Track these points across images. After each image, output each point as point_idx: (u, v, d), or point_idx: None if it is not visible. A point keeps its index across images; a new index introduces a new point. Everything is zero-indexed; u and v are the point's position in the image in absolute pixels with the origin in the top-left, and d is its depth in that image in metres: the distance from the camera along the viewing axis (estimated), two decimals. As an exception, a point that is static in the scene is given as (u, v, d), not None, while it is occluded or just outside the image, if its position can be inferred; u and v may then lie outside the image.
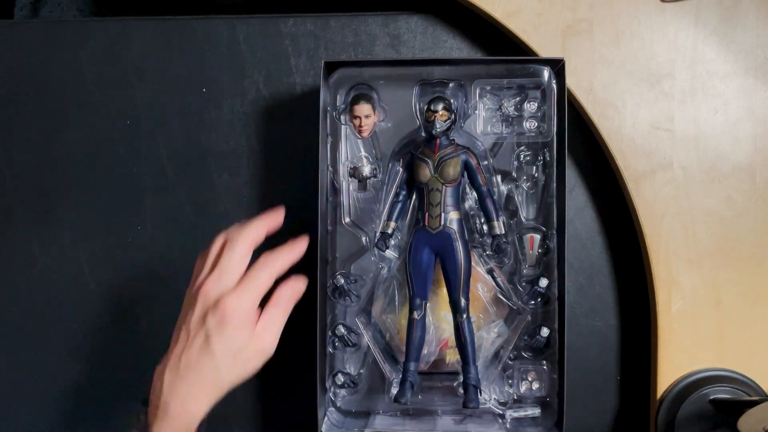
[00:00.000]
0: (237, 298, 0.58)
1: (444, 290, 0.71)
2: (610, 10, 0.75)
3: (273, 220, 0.63)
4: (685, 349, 0.74)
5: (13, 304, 0.83)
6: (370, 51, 0.82)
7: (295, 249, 0.63)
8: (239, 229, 0.61)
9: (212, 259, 0.61)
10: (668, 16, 0.75)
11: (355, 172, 0.73)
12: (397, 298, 0.74)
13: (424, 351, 0.72)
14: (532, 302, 0.73)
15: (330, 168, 0.73)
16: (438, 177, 0.69)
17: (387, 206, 0.72)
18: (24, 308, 0.83)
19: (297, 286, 0.62)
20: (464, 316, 0.69)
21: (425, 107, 0.69)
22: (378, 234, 0.72)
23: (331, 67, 0.72)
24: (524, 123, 0.72)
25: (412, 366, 0.70)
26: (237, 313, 0.58)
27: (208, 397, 0.59)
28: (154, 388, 0.59)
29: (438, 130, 0.69)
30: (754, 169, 0.75)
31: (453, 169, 0.69)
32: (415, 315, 0.70)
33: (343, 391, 0.74)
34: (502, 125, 0.73)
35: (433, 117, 0.68)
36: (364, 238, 0.74)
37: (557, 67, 0.71)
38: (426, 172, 0.69)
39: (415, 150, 0.71)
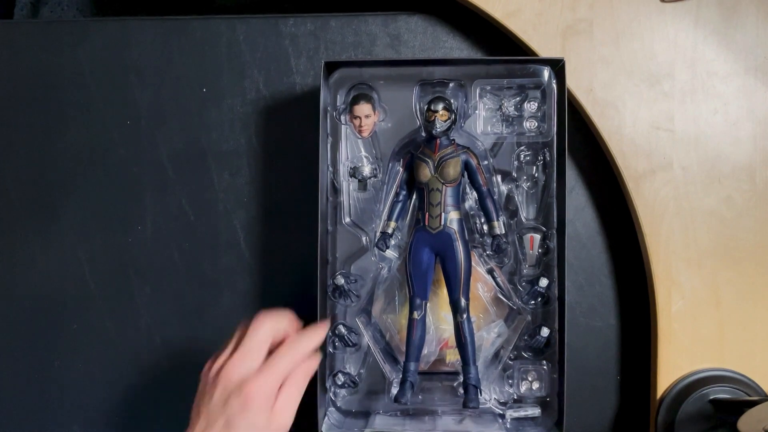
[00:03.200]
0: (260, 381, 0.59)
1: (444, 290, 0.71)
2: (610, 10, 0.75)
3: (298, 321, 0.65)
4: (685, 349, 0.74)
5: (13, 304, 0.83)
6: (370, 51, 0.82)
7: (318, 333, 0.65)
8: (263, 315, 0.62)
9: (234, 342, 0.62)
10: (668, 16, 0.75)
11: (355, 172, 0.73)
12: (397, 298, 0.74)
13: (424, 351, 0.72)
14: (532, 302, 0.73)
15: (330, 168, 0.73)
16: (438, 177, 0.69)
17: (387, 206, 0.72)
18: (24, 308, 0.83)
19: (311, 365, 0.63)
20: (464, 316, 0.69)
21: (425, 107, 0.69)
22: (378, 234, 0.72)
23: (331, 67, 0.72)
24: (524, 123, 0.72)
25: (412, 366, 0.70)
26: (260, 396, 0.58)
27: None
28: None
29: (438, 130, 0.69)
30: (754, 169, 0.75)
31: (453, 169, 0.69)
32: (415, 315, 0.70)
33: (343, 391, 0.74)
34: (502, 125, 0.73)
35: (433, 117, 0.68)
36: (364, 238, 0.74)
37: (557, 67, 0.71)
38: (426, 172, 0.69)
39: (415, 150, 0.71)
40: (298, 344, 0.62)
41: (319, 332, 0.65)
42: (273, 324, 0.62)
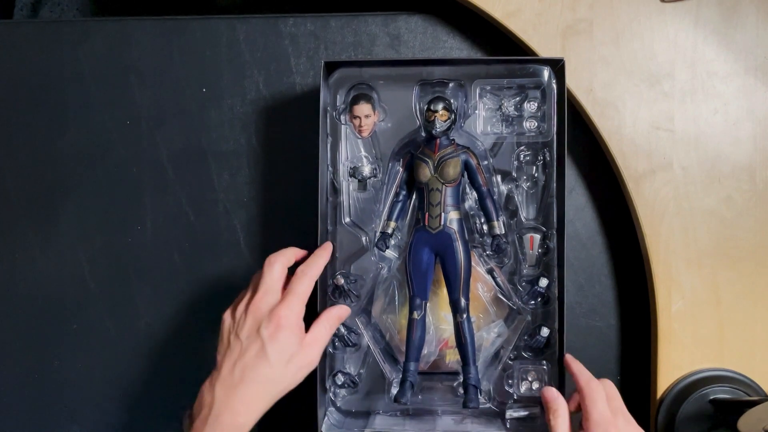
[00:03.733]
0: (287, 306, 0.64)
1: (444, 290, 0.71)
2: (610, 10, 0.75)
3: (302, 251, 0.70)
4: (685, 349, 0.74)
5: (13, 304, 0.83)
6: (370, 51, 0.82)
7: (324, 254, 0.70)
8: (271, 256, 0.68)
9: (253, 283, 0.67)
10: (668, 16, 0.75)
11: (355, 172, 0.73)
12: (397, 298, 0.74)
13: (424, 351, 0.72)
14: (532, 302, 0.73)
15: (330, 168, 0.73)
16: (438, 177, 0.69)
17: (387, 206, 0.72)
18: (24, 308, 0.83)
19: (342, 311, 0.69)
20: (464, 316, 0.69)
21: (425, 107, 0.69)
22: (378, 234, 0.72)
23: (331, 67, 0.72)
24: (524, 123, 0.72)
25: (412, 366, 0.70)
26: (289, 320, 0.63)
27: (259, 407, 0.63)
28: (203, 403, 0.62)
29: (438, 130, 0.69)
30: (754, 169, 0.75)
31: (453, 169, 0.69)
32: (415, 315, 0.70)
33: (343, 391, 0.74)
34: (502, 125, 0.73)
35: (433, 117, 0.68)
36: (364, 238, 0.74)
37: (557, 67, 0.71)
38: (426, 172, 0.69)
39: (415, 150, 0.71)
40: (310, 269, 0.67)
41: (324, 252, 0.70)
42: (283, 260, 0.67)
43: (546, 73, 0.71)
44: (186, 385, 0.82)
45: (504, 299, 0.74)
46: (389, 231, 0.72)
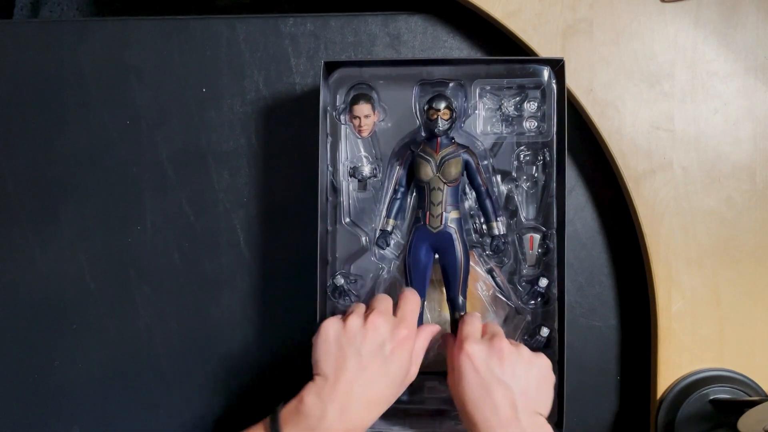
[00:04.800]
0: (408, 327, 0.64)
1: (442, 288, 0.71)
2: (610, 10, 0.75)
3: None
4: (685, 349, 0.74)
5: (13, 304, 0.83)
6: (370, 51, 0.82)
7: (416, 294, 0.69)
8: (383, 295, 0.68)
9: (363, 307, 0.67)
10: (668, 16, 0.75)
11: (355, 172, 0.73)
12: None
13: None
14: (532, 302, 0.73)
15: (330, 168, 0.73)
16: (440, 176, 0.69)
17: (385, 204, 0.72)
18: (24, 308, 0.83)
19: (436, 329, 0.69)
20: (462, 313, 0.70)
21: (426, 105, 0.69)
22: (378, 232, 0.72)
23: (331, 67, 0.72)
24: (524, 123, 0.72)
25: None
26: (410, 341, 0.64)
27: (372, 419, 0.63)
28: (310, 413, 0.60)
29: (440, 128, 0.69)
30: (754, 169, 0.75)
31: (455, 168, 0.69)
32: (415, 313, 0.70)
33: (343, 391, 0.74)
34: (502, 125, 0.73)
35: (435, 116, 0.68)
36: (363, 238, 0.74)
37: (557, 67, 0.71)
38: (428, 171, 0.69)
39: (415, 148, 0.71)
40: (414, 301, 0.67)
41: (415, 293, 0.69)
42: (390, 300, 0.67)
43: (546, 73, 0.71)
44: (186, 385, 0.82)
45: (503, 299, 0.74)
46: (389, 229, 0.72)
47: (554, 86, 0.71)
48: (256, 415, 0.82)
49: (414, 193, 0.72)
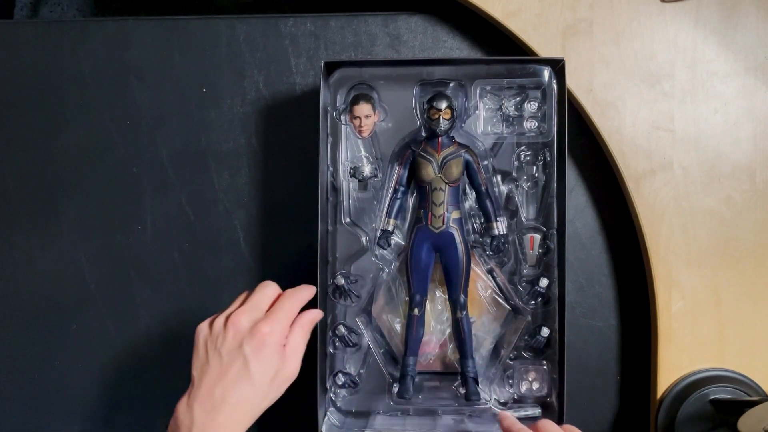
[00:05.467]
0: (271, 323, 0.61)
1: (443, 288, 0.72)
2: (610, 10, 0.75)
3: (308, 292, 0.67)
4: (685, 349, 0.74)
5: (13, 304, 0.83)
6: (370, 51, 0.82)
7: (309, 288, 0.67)
8: (266, 282, 0.65)
9: (239, 301, 0.64)
10: (668, 16, 0.75)
11: (355, 172, 0.73)
12: (397, 298, 0.74)
13: (425, 350, 0.73)
14: (532, 302, 0.73)
15: (330, 168, 0.73)
16: (442, 177, 0.69)
17: (386, 204, 0.72)
18: (24, 308, 0.83)
19: (314, 314, 0.66)
20: (463, 312, 0.70)
21: (427, 105, 0.69)
22: (378, 232, 0.72)
23: (331, 67, 0.72)
24: (524, 123, 0.72)
25: (411, 360, 0.71)
26: (273, 337, 0.60)
27: (242, 426, 0.60)
28: (180, 424, 0.59)
29: (442, 128, 0.69)
30: (754, 169, 0.75)
31: (456, 168, 0.69)
32: (416, 312, 0.71)
33: (343, 391, 0.74)
34: (503, 125, 0.73)
35: (437, 115, 0.68)
36: (364, 238, 0.74)
37: (557, 67, 0.71)
38: (430, 172, 0.69)
39: (416, 147, 0.71)
40: (297, 293, 0.65)
41: (309, 288, 0.67)
42: (275, 289, 0.65)
43: (546, 73, 0.71)
44: (186, 385, 0.82)
45: (503, 299, 0.74)
46: (389, 228, 0.72)
47: (554, 86, 0.71)
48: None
49: (414, 193, 0.72)
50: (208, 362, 0.61)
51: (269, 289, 0.65)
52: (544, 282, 0.71)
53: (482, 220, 0.72)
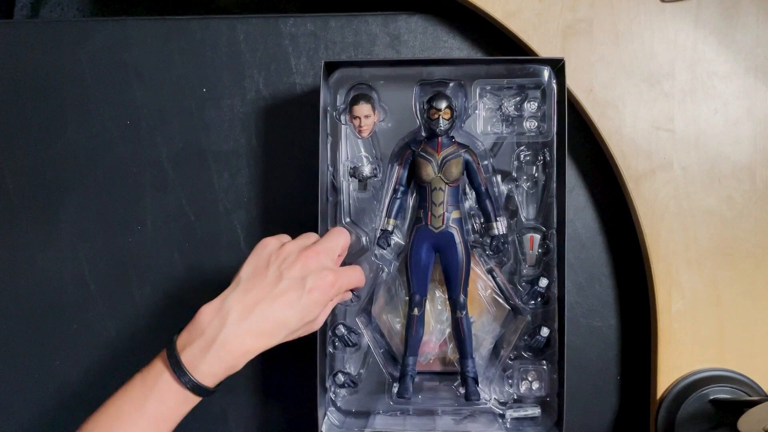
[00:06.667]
0: (337, 277, 0.63)
1: (443, 288, 0.72)
2: (610, 10, 0.75)
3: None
4: (685, 349, 0.74)
5: (13, 304, 0.83)
6: (370, 51, 0.82)
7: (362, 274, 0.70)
8: (340, 228, 0.69)
9: (313, 238, 0.66)
10: (668, 16, 0.75)
11: (355, 172, 0.73)
12: (397, 297, 0.74)
13: (425, 350, 0.73)
14: (532, 302, 0.73)
15: (330, 168, 0.73)
16: (442, 177, 0.69)
17: (386, 203, 0.72)
18: (24, 308, 0.83)
19: (349, 294, 0.69)
20: (463, 312, 0.70)
21: (427, 105, 0.69)
22: (378, 232, 0.72)
23: (331, 67, 0.72)
24: (524, 123, 0.72)
25: (410, 360, 0.71)
26: (331, 290, 0.63)
27: (266, 342, 0.61)
28: (207, 324, 0.59)
29: (441, 128, 0.69)
30: (754, 169, 0.75)
31: (456, 168, 0.69)
32: (415, 311, 0.71)
33: (343, 391, 0.74)
34: (502, 125, 0.73)
35: (437, 115, 0.68)
36: (364, 238, 0.74)
37: (557, 67, 0.71)
38: (429, 172, 0.69)
39: (415, 147, 0.71)
40: (359, 272, 0.69)
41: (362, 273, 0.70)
42: (348, 238, 0.68)
43: (546, 73, 0.71)
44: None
45: (503, 299, 0.74)
46: (389, 228, 0.72)
47: (554, 86, 0.71)
48: (255, 414, 0.82)
49: (414, 193, 0.72)
50: (265, 275, 0.61)
51: (343, 238, 0.67)
52: (543, 282, 0.71)
53: (482, 220, 0.72)
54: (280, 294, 0.60)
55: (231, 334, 0.59)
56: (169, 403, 0.60)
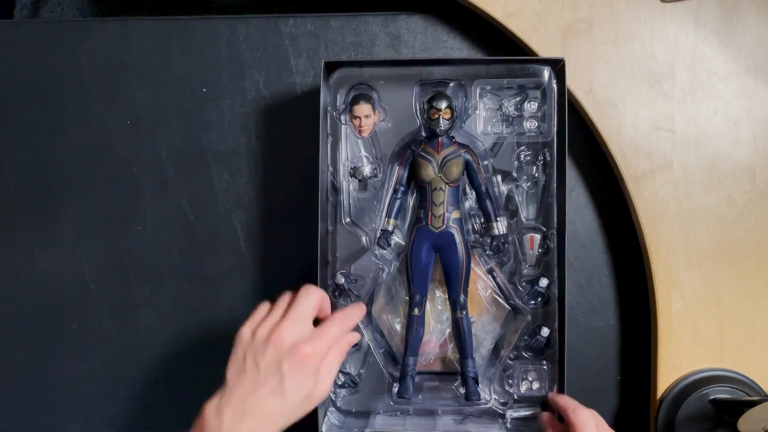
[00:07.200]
0: (316, 345, 0.60)
1: (443, 288, 0.71)
2: (610, 10, 0.75)
3: (328, 301, 0.67)
4: (685, 349, 0.74)
5: (13, 304, 0.83)
6: (370, 51, 0.82)
7: (360, 311, 0.67)
8: (309, 286, 0.65)
9: (283, 307, 0.63)
10: (668, 16, 0.75)
11: (355, 172, 0.73)
12: (397, 297, 0.74)
13: (425, 349, 0.72)
14: (532, 302, 0.73)
15: (330, 168, 0.73)
16: (442, 177, 0.69)
17: (386, 204, 0.72)
18: (24, 308, 0.83)
19: (353, 338, 0.66)
20: (463, 312, 0.70)
21: (427, 105, 0.69)
22: (378, 232, 0.72)
23: (331, 67, 0.72)
24: (524, 123, 0.72)
25: (411, 361, 0.71)
26: (313, 360, 0.60)
27: None
28: (208, 425, 0.59)
29: (442, 128, 0.69)
30: (754, 169, 0.75)
31: (456, 168, 0.69)
32: (416, 311, 0.71)
33: (343, 391, 0.74)
34: (503, 125, 0.73)
35: (437, 115, 0.68)
36: (364, 238, 0.74)
37: (557, 67, 0.71)
38: (430, 172, 0.69)
39: (415, 147, 0.71)
40: (345, 317, 0.65)
41: (361, 309, 0.68)
42: (320, 295, 0.64)
43: (546, 73, 0.71)
44: (185, 384, 0.82)
45: (503, 299, 0.74)
46: (389, 228, 0.72)
47: (554, 86, 0.71)
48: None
49: (414, 193, 0.72)
50: (245, 371, 0.60)
51: (313, 297, 0.63)
52: (543, 282, 0.71)
53: (482, 220, 0.72)
54: (261, 385, 0.59)
55: None
56: None
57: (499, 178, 0.73)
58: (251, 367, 0.60)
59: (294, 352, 0.59)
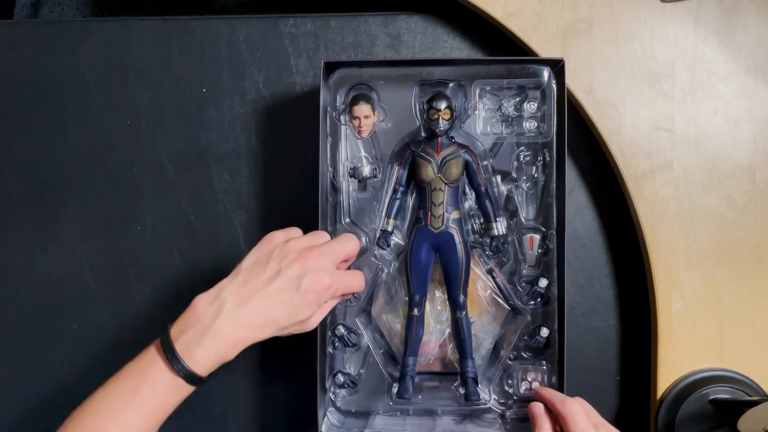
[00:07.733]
0: (334, 281, 0.63)
1: (443, 288, 0.72)
2: (610, 10, 0.75)
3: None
4: (685, 349, 0.74)
5: (13, 304, 0.83)
6: (370, 51, 0.82)
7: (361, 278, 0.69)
8: (350, 235, 0.68)
9: (320, 237, 0.66)
10: (668, 16, 0.75)
11: (355, 172, 0.73)
12: (396, 298, 0.74)
13: (425, 350, 0.73)
14: (532, 302, 0.73)
15: (330, 168, 0.73)
16: (441, 177, 0.69)
17: (385, 204, 0.72)
18: (24, 308, 0.83)
19: (356, 287, 0.68)
20: (463, 312, 0.70)
21: (427, 105, 0.69)
22: (378, 232, 0.72)
23: (331, 67, 0.72)
24: (524, 123, 0.72)
25: (410, 361, 0.71)
26: (326, 293, 0.62)
27: (258, 334, 0.61)
28: (203, 312, 0.60)
29: (441, 129, 0.69)
30: (754, 169, 0.75)
31: (456, 168, 0.69)
32: (415, 312, 0.71)
33: (343, 391, 0.74)
34: (502, 125, 0.73)
35: (436, 116, 0.68)
36: (363, 238, 0.74)
37: (557, 67, 0.71)
38: (429, 172, 0.69)
39: (415, 148, 0.71)
40: (362, 276, 0.68)
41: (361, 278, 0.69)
42: (356, 246, 0.67)
43: (546, 73, 0.71)
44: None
45: (503, 299, 0.74)
46: (389, 229, 0.72)
47: (554, 86, 0.71)
48: (255, 413, 0.82)
49: (414, 193, 0.72)
50: (265, 267, 0.62)
51: (350, 244, 0.66)
52: (543, 282, 0.71)
53: (482, 221, 0.72)
54: (275, 291, 0.61)
55: (225, 322, 0.59)
56: (162, 392, 0.60)
57: (499, 178, 0.73)
58: (273, 268, 0.62)
59: (317, 277, 0.61)
